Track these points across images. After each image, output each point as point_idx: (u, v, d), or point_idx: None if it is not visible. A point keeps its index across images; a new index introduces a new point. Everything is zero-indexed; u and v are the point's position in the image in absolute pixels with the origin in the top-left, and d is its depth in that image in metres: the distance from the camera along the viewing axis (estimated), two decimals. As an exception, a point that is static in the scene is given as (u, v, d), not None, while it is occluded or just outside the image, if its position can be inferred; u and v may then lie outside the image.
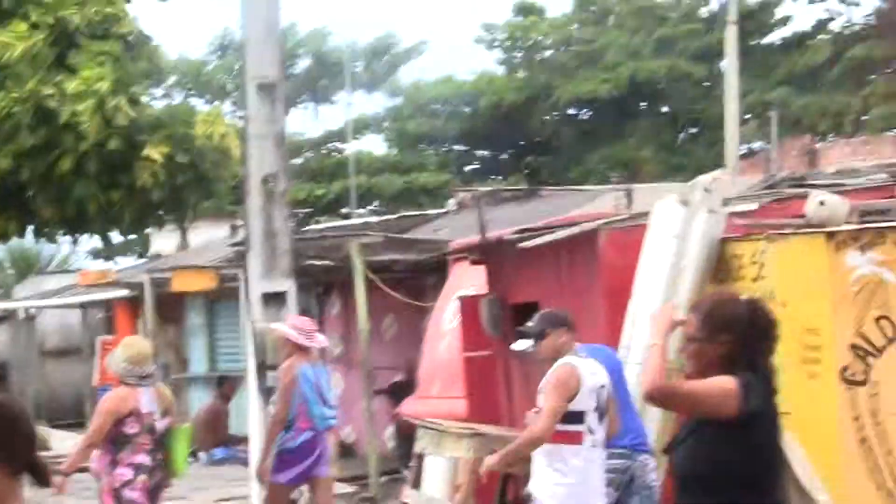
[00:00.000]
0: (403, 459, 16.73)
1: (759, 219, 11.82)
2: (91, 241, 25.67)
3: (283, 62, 14.95)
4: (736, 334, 6.13)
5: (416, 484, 13.73)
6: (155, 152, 21.33)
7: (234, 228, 28.24)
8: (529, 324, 9.43)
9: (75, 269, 37.34)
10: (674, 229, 11.41)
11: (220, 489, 18.68)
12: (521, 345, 9.66)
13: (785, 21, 46.87)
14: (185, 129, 21.83)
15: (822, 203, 10.78)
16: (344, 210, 41.22)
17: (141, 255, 36.85)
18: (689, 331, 6.26)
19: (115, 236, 24.92)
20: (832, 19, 46.34)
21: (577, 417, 8.90)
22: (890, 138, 28.73)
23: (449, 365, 15.92)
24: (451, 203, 26.24)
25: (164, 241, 33.74)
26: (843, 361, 9.66)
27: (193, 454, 20.06)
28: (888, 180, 13.61)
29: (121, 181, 21.66)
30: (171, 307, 25.48)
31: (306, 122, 47.40)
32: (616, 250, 12.03)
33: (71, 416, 29.83)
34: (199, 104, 39.97)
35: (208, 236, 31.94)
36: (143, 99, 22.95)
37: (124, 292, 26.74)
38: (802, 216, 10.96)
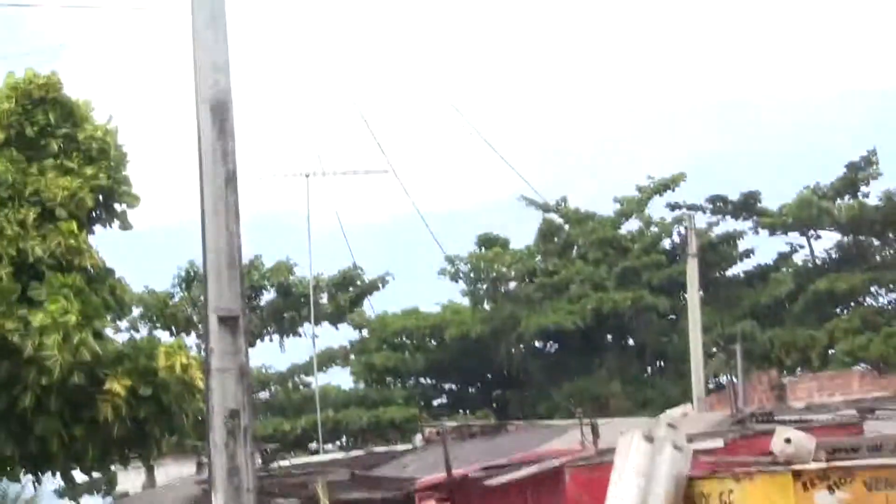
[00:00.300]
0: None
1: (726, 455, 11.72)
2: (56, 480, 25.25)
3: (244, 295, 14.87)
4: None
5: None
6: (117, 386, 21.11)
7: (200, 465, 27.90)
8: None
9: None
10: (639, 466, 11.28)
11: None
12: None
13: (747, 254, 47.43)
14: (147, 361, 21.65)
15: (788, 440, 10.70)
16: (311, 445, 40.80)
17: (107, 494, 36.24)
18: None
19: (80, 475, 24.48)
20: (794, 252, 47.01)
21: None
22: (857, 373, 28.82)
23: None
24: (418, 438, 26.04)
25: (130, 479, 33.20)
26: None
27: None
28: (856, 417, 13.56)
29: (83, 416, 21.39)
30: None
31: (272, 355, 47.77)
32: (582, 487, 11.92)
33: None
34: (164, 337, 39.83)
35: (175, 472, 31.51)
36: (107, 332, 22.79)
37: (91, 535, 26.15)
38: (769, 453, 10.87)
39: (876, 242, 45.46)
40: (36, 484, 24.88)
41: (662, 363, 46.65)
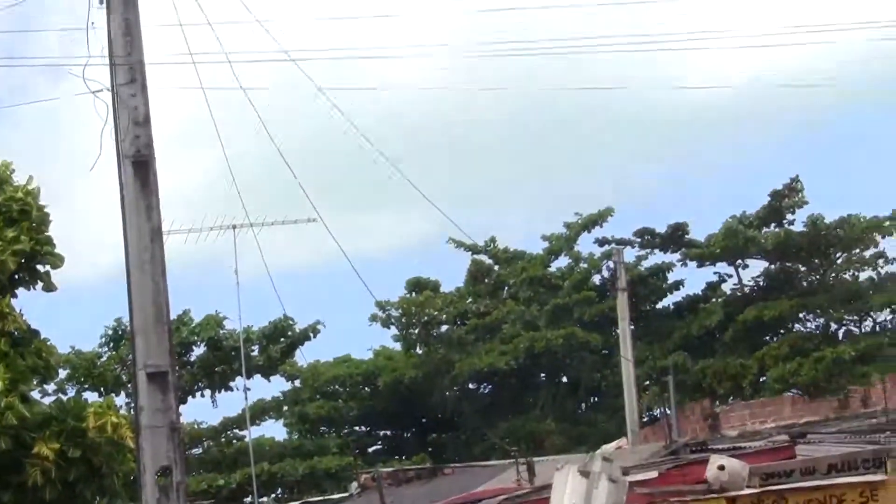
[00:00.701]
0: None
1: (661, 486, 11.70)
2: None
3: (173, 351, 14.73)
4: None
5: None
6: (45, 449, 20.78)
7: (132, 524, 27.52)
8: None
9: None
10: (575, 500, 11.22)
11: None
12: None
13: (677, 286, 47.55)
14: (76, 422, 21.34)
15: (721, 468, 10.71)
16: (246, 500, 40.43)
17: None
18: None
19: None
20: (723, 281, 47.25)
21: None
22: (788, 399, 28.97)
23: None
24: (354, 486, 25.87)
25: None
26: None
27: None
28: (787, 441, 13.60)
29: (11, 481, 21.04)
30: None
31: (204, 410, 47.42)
32: (519, 527, 11.81)
33: None
34: (93, 397, 39.35)
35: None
36: (34, 395, 22.49)
37: None
38: (704, 482, 10.87)
39: (802, 268, 45.77)
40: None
41: (597, 398, 46.71)
